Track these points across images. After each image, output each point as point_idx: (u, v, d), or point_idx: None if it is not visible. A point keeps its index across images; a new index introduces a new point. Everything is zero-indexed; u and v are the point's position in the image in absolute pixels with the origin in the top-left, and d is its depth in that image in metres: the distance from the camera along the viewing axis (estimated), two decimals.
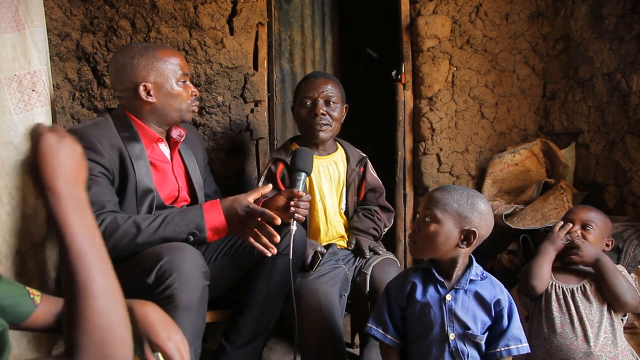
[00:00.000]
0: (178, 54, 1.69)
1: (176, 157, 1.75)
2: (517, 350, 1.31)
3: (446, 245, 1.32)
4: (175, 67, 1.64)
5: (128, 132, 1.59)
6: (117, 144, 1.54)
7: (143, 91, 1.58)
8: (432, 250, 1.35)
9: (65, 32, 2.08)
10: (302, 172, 1.71)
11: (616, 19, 2.15)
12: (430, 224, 1.32)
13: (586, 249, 1.60)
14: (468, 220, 1.31)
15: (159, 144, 1.69)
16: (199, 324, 1.44)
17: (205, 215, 1.49)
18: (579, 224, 1.68)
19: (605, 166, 2.24)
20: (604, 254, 1.59)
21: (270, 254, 1.52)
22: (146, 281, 1.34)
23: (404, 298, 1.40)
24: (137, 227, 1.43)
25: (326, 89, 1.93)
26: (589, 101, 2.35)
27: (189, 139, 1.79)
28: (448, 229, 1.31)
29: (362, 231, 2.00)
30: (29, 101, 1.66)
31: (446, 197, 1.33)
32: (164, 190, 1.65)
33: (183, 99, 1.66)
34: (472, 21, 2.55)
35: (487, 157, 2.59)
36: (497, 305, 1.34)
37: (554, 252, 1.64)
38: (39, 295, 1.06)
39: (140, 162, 1.57)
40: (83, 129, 1.50)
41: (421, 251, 1.37)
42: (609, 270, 1.54)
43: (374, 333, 1.41)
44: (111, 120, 1.60)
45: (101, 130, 1.54)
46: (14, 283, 1.05)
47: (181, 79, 1.65)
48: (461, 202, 1.31)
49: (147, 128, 1.63)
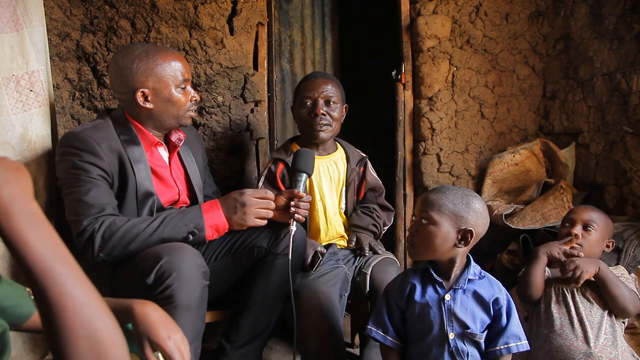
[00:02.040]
0: (180, 58, 1.63)
1: (175, 160, 1.74)
2: (516, 348, 1.32)
3: (444, 246, 1.32)
4: (175, 72, 1.59)
5: (128, 135, 1.58)
6: (116, 147, 1.54)
7: (140, 97, 1.56)
8: (431, 252, 1.35)
9: (65, 32, 2.08)
10: (303, 172, 1.71)
11: (616, 19, 2.15)
12: (428, 226, 1.32)
13: (585, 265, 1.53)
14: (464, 219, 1.31)
15: (157, 148, 1.68)
16: (199, 324, 1.43)
17: (204, 214, 1.49)
18: (580, 224, 1.67)
19: (605, 166, 2.24)
20: (601, 263, 1.54)
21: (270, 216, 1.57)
22: (145, 281, 1.34)
23: (403, 299, 1.40)
24: (136, 229, 1.43)
25: (326, 89, 1.93)
26: (589, 101, 2.35)
27: (188, 140, 1.78)
28: (445, 229, 1.31)
29: (361, 228, 2.00)
30: (27, 101, 1.66)
31: (441, 198, 1.33)
32: (163, 194, 1.65)
33: (182, 104, 1.62)
34: (472, 21, 2.55)
35: (487, 157, 2.59)
36: (495, 304, 1.34)
37: (545, 256, 1.61)
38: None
39: (140, 165, 1.56)
40: (82, 132, 1.50)
41: (419, 253, 1.37)
42: (610, 280, 1.52)
43: (374, 335, 1.41)
44: (111, 123, 1.59)
45: (100, 133, 1.53)
46: (15, 284, 1.05)
47: (181, 84, 1.61)
48: (456, 202, 1.31)
49: (147, 132, 1.62)
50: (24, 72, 1.65)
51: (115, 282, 1.50)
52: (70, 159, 1.46)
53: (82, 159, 1.46)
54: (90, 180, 1.45)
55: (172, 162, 1.71)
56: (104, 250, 1.39)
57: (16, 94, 1.63)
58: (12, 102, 1.62)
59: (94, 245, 1.39)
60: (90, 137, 1.48)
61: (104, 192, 1.48)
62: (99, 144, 1.49)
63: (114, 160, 1.52)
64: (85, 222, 1.41)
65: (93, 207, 1.43)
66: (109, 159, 1.50)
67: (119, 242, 1.41)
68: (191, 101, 1.65)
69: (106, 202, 1.47)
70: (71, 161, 1.46)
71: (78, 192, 1.44)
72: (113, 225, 1.41)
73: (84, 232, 1.40)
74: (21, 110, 1.64)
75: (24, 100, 1.65)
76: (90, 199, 1.43)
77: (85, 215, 1.42)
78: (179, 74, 1.60)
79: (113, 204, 1.50)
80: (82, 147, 1.47)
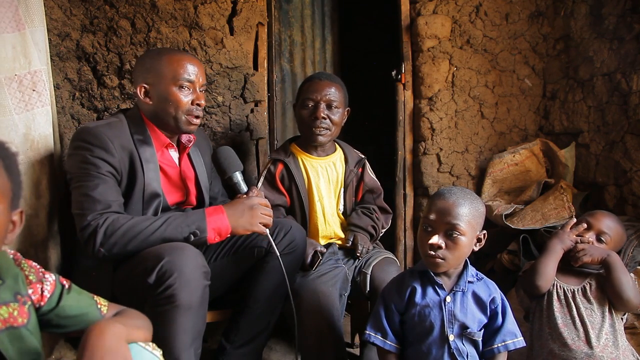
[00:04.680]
0: (190, 60, 1.59)
1: (185, 162, 1.74)
2: (513, 345, 1.34)
3: (468, 253, 1.35)
4: (177, 69, 1.56)
5: (142, 135, 1.59)
6: (128, 146, 1.54)
7: (142, 92, 1.58)
8: (460, 262, 1.37)
9: (65, 32, 2.08)
10: (234, 173, 1.63)
11: (616, 19, 2.15)
12: (458, 238, 1.30)
13: (594, 250, 1.59)
14: (480, 224, 1.35)
15: (169, 149, 1.68)
16: (200, 324, 1.44)
17: (207, 217, 1.50)
18: (595, 231, 1.66)
19: (605, 166, 2.24)
20: (612, 252, 1.58)
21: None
22: (147, 281, 1.34)
23: (403, 302, 1.40)
24: (138, 227, 1.43)
25: (329, 93, 1.92)
26: (589, 101, 2.35)
27: (197, 141, 1.78)
28: (471, 237, 1.33)
29: (360, 228, 1.99)
30: (30, 101, 1.66)
31: (462, 206, 1.31)
32: (170, 194, 1.65)
33: (180, 104, 1.57)
34: (472, 21, 2.55)
35: (487, 157, 2.59)
36: (492, 304, 1.36)
37: (562, 251, 1.62)
38: (105, 306, 1.10)
39: (150, 165, 1.57)
40: (96, 128, 1.51)
41: (451, 266, 1.35)
42: (619, 267, 1.53)
43: (374, 340, 1.41)
44: (125, 122, 1.60)
45: (114, 130, 1.54)
46: (83, 292, 1.08)
47: (181, 83, 1.56)
48: (472, 210, 1.32)
49: (159, 132, 1.63)
50: (26, 71, 1.65)
51: (116, 282, 1.51)
52: (82, 153, 1.47)
53: (93, 154, 1.47)
54: (99, 176, 1.46)
55: (182, 163, 1.72)
56: (105, 246, 1.40)
57: (19, 94, 1.63)
58: (14, 101, 1.62)
59: (96, 241, 1.40)
60: (103, 133, 1.49)
61: (112, 188, 1.49)
62: (111, 140, 1.50)
63: (124, 158, 1.53)
64: (90, 217, 1.42)
65: (99, 202, 1.44)
66: (120, 156, 1.51)
67: (121, 238, 1.41)
68: (193, 104, 1.60)
69: (113, 199, 1.47)
70: (82, 155, 1.47)
71: (86, 186, 1.45)
72: (116, 222, 1.42)
73: (88, 226, 1.41)
74: (24, 110, 1.64)
75: (26, 100, 1.65)
76: (98, 195, 1.44)
77: (91, 210, 1.42)
78: (181, 71, 1.56)
79: (119, 202, 1.50)
80: (94, 142, 1.48)
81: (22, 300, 0.94)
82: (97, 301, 1.08)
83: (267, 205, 1.59)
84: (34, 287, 0.98)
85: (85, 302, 1.06)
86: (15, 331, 0.92)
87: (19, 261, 0.99)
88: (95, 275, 1.52)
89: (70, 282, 1.07)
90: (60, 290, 1.03)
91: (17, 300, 0.94)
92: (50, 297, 1.00)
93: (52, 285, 1.02)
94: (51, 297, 1.01)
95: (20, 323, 0.93)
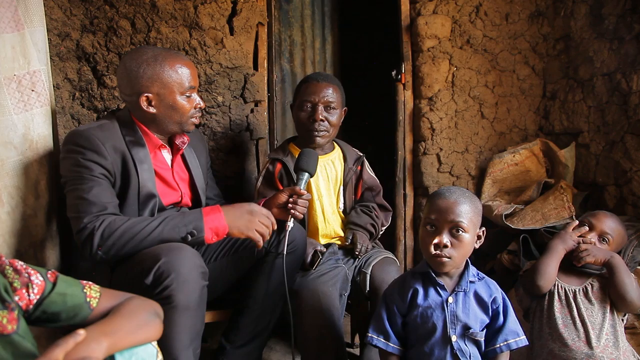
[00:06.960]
0: (188, 65, 1.61)
1: (179, 163, 1.74)
2: (515, 344, 1.33)
3: (471, 250, 1.35)
4: (182, 79, 1.57)
5: (133, 137, 1.59)
6: (120, 148, 1.54)
7: (144, 101, 1.56)
8: (464, 260, 1.37)
9: (65, 32, 2.08)
10: (305, 172, 1.72)
11: (616, 19, 2.15)
12: (463, 235, 1.31)
13: (597, 251, 1.59)
14: (479, 222, 1.36)
15: (161, 150, 1.68)
16: (198, 324, 1.44)
17: (204, 217, 1.49)
18: (597, 232, 1.66)
19: (605, 166, 2.24)
20: (615, 254, 1.59)
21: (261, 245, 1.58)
22: (144, 282, 1.34)
23: (405, 304, 1.40)
24: (135, 228, 1.43)
25: (327, 94, 1.92)
26: (589, 101, 2.35)
27: (192, 142, 1.78)
28: (473, 234, 1.34)
29: (359, 226, 1.99)
30: (29, 101, 1.66)
31: (463, 204, 1.32)
32: (165, 196, 1.65)
33: (185, 111, 1.61)
34: (472, 21, 2.55)
35: (487, 157, 2.59)
36: (493, 303, 1.36)
37: (564, 251, 1.62)
38: (96, 298, 1.08)
39: (144, 166, 1.57)
40: (87, 131, 1.51)
41: (457, 264, 1.35)
42: (622, 269, 1.53)
43: (376, 343, 1.40)
44: (116, 124, 1.60)
45: (105, 132, 1.54)
46: (73, 285, 1.06)
47: (187, 92, 1.60)
48: (473, 207, 1.33)
49: (151, 134, 1.63)
50: (25, 72, 1.65)
51: (114, 283, 1.50)
52: (74, 157, 1.48)
53: (85, 157, 1.47)
54: (93, 179, 1.46)
55: (174, 164, 1.72)
56: (102, 248, 1.40)
57: (18, 94, 1.63)
58: (14, 102, 1.62)
59: (93, 243, 1.39)
60: (95, 135, 1.49)
61: (106, 190, 1.49)
62: (103, 143, 1.50)
63: (117, 160, 1.53)
64: (86, 219, 1.42)
65: (95, 205, 1.44)
66: (113, 158, 1.51)
67: (118, 240, 1.41)
68: (195, 108, 1.65)
69: (108, 200, 1.47)
70: (75, 159, 1.47)
71: (80, 189, 1.45)
72: (113, 223, 1.42)
73: (84, 229, 1.41)
74: (23, 110, 1.64)
75: (25, 100, 1.65)
76: (92, 197, 1.44)
77: (87, 213, 1.42)
78: (185, 81, 1.59)
79: (114, 203, 1.50)
80: (86, 145, 1.48)
81: (10, 306, 0.93)
82: (86, 293, 1.06)
83: (269, 218, 1.59)
84: (19, 294, 0.97)
85: (73, 299, 1.04)
86: (7, 338, 0.91)
87: (3, 267, 0.97)
88: (94, 276, 1.52)
89: (56, 276, 1.04)
90: (50, 289, 1.02)
91: (6, 307, 0.93)
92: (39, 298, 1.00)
93: (41, 287, 1.00)
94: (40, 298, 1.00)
95: (10, 330, 0.92)
